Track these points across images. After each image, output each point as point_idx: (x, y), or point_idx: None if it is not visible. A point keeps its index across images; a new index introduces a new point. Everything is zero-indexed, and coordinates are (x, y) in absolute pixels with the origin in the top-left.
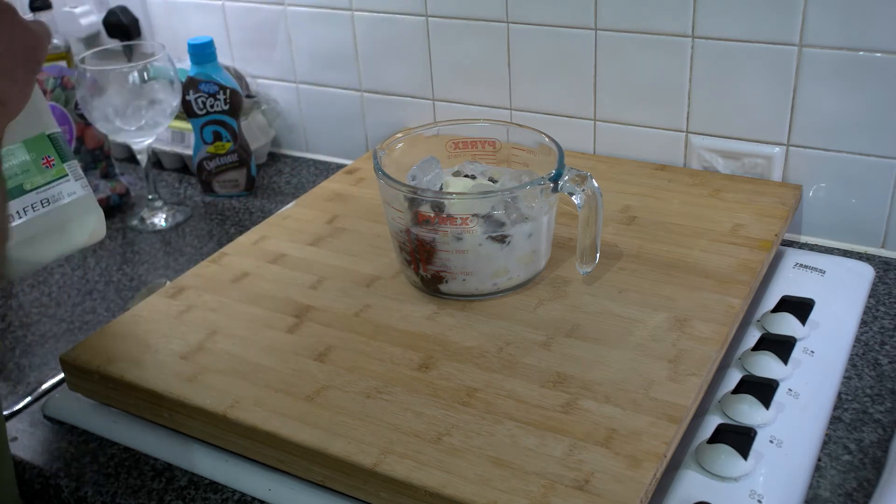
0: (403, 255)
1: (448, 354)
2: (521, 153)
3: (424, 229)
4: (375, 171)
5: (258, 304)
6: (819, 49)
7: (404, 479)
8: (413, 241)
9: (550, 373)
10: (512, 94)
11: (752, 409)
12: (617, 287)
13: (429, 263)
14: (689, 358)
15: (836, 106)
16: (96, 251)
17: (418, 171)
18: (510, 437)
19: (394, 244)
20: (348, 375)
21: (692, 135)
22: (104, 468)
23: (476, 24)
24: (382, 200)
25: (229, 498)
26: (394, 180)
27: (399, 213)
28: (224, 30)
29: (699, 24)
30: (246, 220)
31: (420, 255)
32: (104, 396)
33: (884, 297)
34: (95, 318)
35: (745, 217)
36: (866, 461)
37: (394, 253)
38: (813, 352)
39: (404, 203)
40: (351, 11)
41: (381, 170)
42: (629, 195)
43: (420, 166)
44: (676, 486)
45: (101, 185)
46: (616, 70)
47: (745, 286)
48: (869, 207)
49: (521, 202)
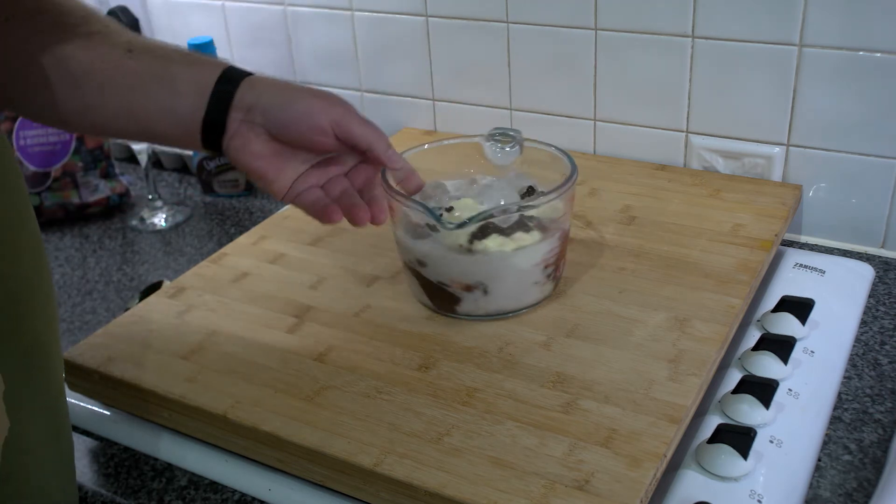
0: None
1: (448, 354)
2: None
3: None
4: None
5: (258, 304)
6: (819, 49)
7: (404, 480)
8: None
9: (550, 373)
10: (512, 94)
11: (752, 409)
12: (617, 287)
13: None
14: (689, 358)
15: (836, 106)
16: (96, 251)
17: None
18: (510, 437)
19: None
20: (348, 375)
21: (692, 135)
22: (104, 468)
23: (476, 24)
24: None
25: (229, 498)
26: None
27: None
28: (224, 30)
29: (699, 24)
30: (246, 220)
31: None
32: (104, 396)
33: (884, 297)
34: (95, 318)
35: (745, 217)
36: (866, 461)
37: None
38: (813, 352)
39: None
40: (351, 11)
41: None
42: (629, 195)
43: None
44: (676, 486)
45: (101, 185)
46: (616, 70)
47: (745, 286)
48: (869, 207)
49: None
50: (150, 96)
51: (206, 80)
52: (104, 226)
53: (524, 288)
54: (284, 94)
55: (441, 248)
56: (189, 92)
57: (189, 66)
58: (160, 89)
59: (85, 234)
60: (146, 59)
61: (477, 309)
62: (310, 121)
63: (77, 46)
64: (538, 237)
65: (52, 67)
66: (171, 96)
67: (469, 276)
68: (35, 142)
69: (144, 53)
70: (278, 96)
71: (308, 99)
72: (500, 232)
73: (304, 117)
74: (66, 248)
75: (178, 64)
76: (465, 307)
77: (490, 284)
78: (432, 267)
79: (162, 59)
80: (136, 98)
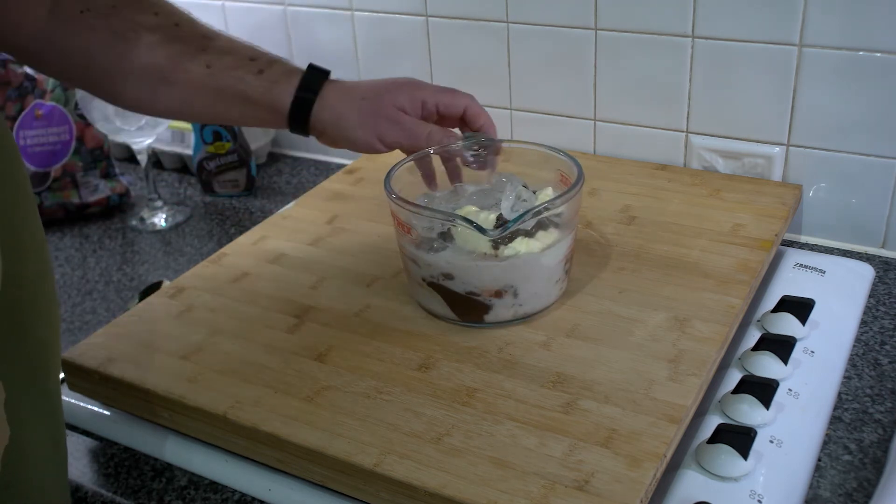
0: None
1: (448, 354)
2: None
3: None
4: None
5: (258, 304)
6: (819, 49)
7: (404, 480)
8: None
9: (550, 373)
10: (512, 94)
11: (752, 409)
12: (617, 287)
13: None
14: (689, 358)
15: (836, 106)
16: (96, 251)
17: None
18: (510, 438)
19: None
20: (348, 375)
21: (692, 135)
22: (104, 468)
23: (476, 24)
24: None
25: (229, 498)
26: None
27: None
28: (224, 30)
29: (699, 24)
30: (246, 220)
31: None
32: (104, 396)
33: (884, 297)
34: (95, 318)
35: (745, 217)
36: (866, 461)
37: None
38: (813, 352)
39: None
40: (351, 11)
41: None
42: (629, 195)
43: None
44: (676, 486)
45: (101, 185)
46: (616, 70)
47: (745, 286)
48: (869, 207)
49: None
50: (232, 110)
51: (282, 101)
52: (104, 226)
53: (549, 287)
54: (339, 121)
55: (466, 258)
56: (267, 109)
57: (262, 83)
58: (243, 107)
59: (85, 234)
60: (222, 76)
61: (505, 314)
62: (359, 146)
63: (158, 54)
64: (557, 235)
65: (137, 72)
66: (253, 111)
67: (500, 282)
68: (35, 142)
69: (220, 68)
70: (332, 125)
71: (356, 131)
72: (526, 234)
73: (352, 144)
74: (66, 249)
75: (251, 80)
76: (493, 314)
77: (520, 287)
78: (461, 277)
79: (235, 76)
80: (219, 110)
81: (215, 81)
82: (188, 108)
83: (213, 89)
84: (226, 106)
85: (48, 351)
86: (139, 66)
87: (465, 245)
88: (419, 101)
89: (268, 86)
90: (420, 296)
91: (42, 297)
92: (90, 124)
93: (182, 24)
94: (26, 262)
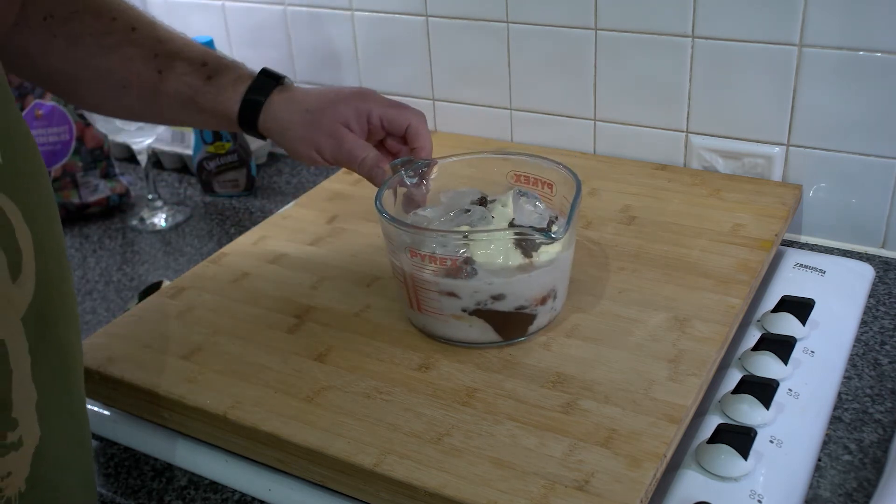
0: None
1: (448, 354)
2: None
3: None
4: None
5: (258, 304)
6: (819, 49)
7: (404, 480)
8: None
9: (550, 373)
10: (512, 94)
11: (752, 409)
12: (617, 287)
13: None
14: (689, 358)
15: (836, 106)
16: (96, 251)
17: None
18: (510, 438)
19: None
20: (348, 375)
21: (692, 135)
22: (104, 468)
23: (476, 24)
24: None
25: (229, 498)
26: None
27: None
28: (224, 30)
29: (699, 24)
30: (246, 220)
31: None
32: (104, 396)
33: (884, 297)
34: (95, 319)
35: (745, 217)
36: (866, 461)
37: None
38: (813, 352)
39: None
40: (351, 11)
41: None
42: (629, 195)
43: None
44: (676, 486)
45: (101, 185)
46: (616, 70)
47: (745, 286)
48: (869, 207)
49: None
50: (184, 115)
51: (228, 107)
52: (104, 226)
53: (568, 283)
54: (283, 131)
55: (506, 274)
56: (216, 115)
57: (210, 89)
58: (194, 113)
59: (85, 234)
60: (172, 82)
61: (545, 320)
62: (301, 158)
63: (112, 59)
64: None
65: (95, 77)
66: (204, 116)
67: (546, 287)
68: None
69: (170, 73)
70: (277, 135)
71: (295, 144)
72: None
73: (294, 156)
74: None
75: (200, 85)
76: (536, 323)
77: (559, 288)
78: (512, 294)
79: (183, 82)
80: (174, 114)
81: (165, 87)
82: (146, 112)
83: (164, 94)
84: (178, 111)
85: (72, 351)
86: (96, 72)
87: (493, 263)
88: (364, 113)
89: (215, 92)
90: (451, 330)
91: (66, 298)
92: (90, 124)
93: (139, 29)
94: (50, 263)
